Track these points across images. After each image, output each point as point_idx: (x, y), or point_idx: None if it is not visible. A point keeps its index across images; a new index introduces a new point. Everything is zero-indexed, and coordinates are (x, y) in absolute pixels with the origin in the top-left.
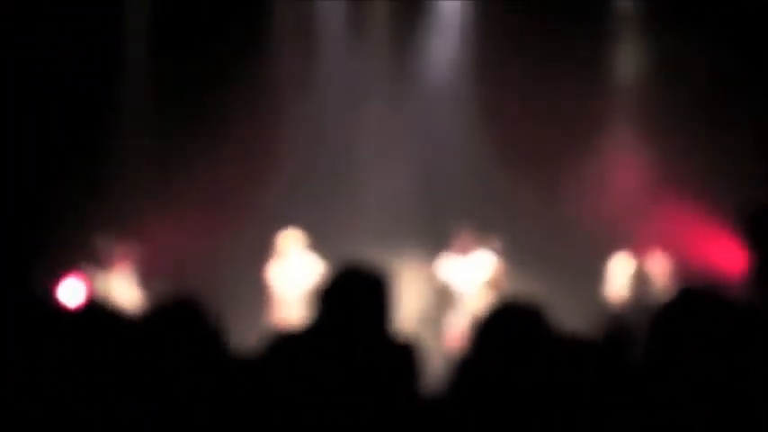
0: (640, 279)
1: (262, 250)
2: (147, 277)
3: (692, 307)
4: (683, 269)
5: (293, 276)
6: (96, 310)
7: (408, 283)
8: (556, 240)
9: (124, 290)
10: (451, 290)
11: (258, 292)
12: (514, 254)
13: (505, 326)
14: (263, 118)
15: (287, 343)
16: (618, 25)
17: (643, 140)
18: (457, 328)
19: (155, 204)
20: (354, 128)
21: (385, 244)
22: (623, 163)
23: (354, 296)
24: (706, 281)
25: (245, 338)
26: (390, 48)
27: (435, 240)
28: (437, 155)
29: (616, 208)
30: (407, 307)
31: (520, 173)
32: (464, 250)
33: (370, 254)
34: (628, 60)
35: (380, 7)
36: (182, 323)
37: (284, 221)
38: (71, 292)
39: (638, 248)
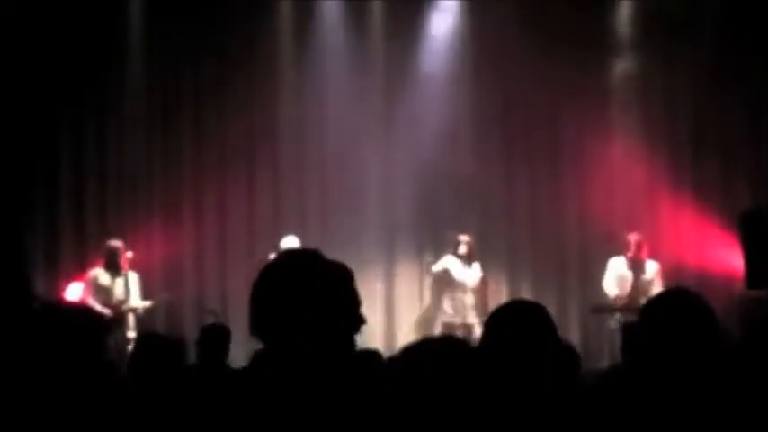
0: (639, 278)
1: (262, 256)
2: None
3: (672, 306)
4: (679, 269)
5: None
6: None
7: (407, 284)
8: (554, 242)
9: (131, 291)
10: (450, 288)
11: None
12: (512, 257)
13: (516, 322)
14: (262, 123)
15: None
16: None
17: (641, 143)
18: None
19: (157, 210)
20: (354, 131)
21: (385, 247)
22: (621, 166)
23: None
24: (701, 280)
25: (244, 343)
26: (389, 47)
27: (434, 244)
28: (436, 156)
29: (614, 210)
30: (407, 306)
31: (519, 174)
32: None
33: (369, 257)
34: (627, 64)
35: (379, 8)
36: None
37: (286, 229)
38: (72, 295)
39: (635, 249)
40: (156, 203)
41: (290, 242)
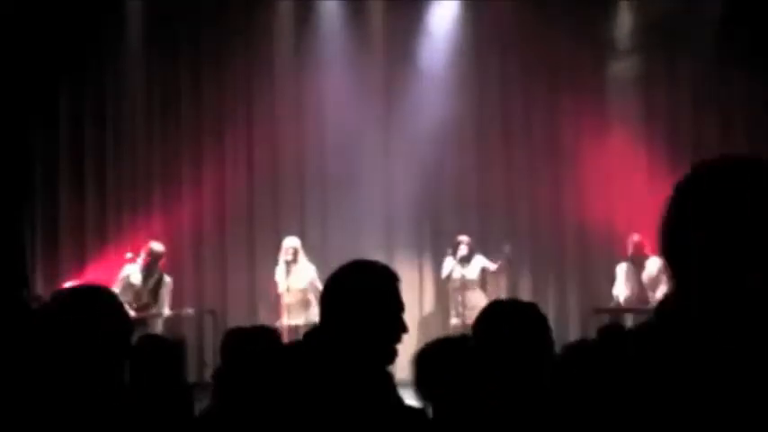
0: (641, 277)
1: (263, 256)
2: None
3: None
4: None
5: (293, 281)
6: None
7: (406, 283)
8: (554, 242)
9: (161, 296)
10: (453, 291)
11: (259, 296)
12: (514, 255)
13: (506, 321)
14: (261, 123)
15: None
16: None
17: (641, 143)
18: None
19: (156, 210)
20: (353, 130)
21: (385, 247)
22: (621, 165)
23: (362, 292)
24: None
25: None
26: (389, 45)
27: (434, 243)
28: (436, 155)
29: (614, 210)
30: (407, 306)
31: (519, 174)
32: (464, 252)
33: (369, 256)
34: (627, 63)
35: (379, 7)
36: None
37: (285, 228)
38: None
39: (636, 249)
40: (155, 203)
41: (291, 242)
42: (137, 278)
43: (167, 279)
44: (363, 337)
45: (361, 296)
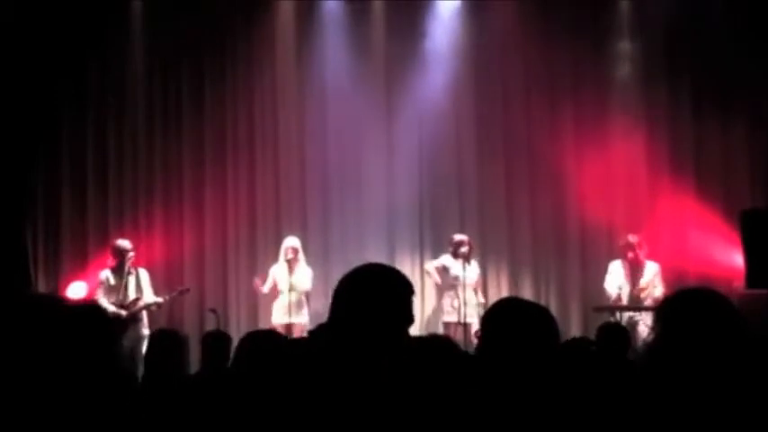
0: (638, 280)
1: (265, 255)
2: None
3: (690, 305)
4: (679, 268)
5: (294, 280)
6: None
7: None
8: (555, 241)
9: (143, 288)
10: (449, 288)
11: (260, 295)
12: (513, 256)
13: (519, 317)
14: (262, 123)
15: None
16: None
17: (641, 143)
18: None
19: (157, 210)
20: (354, 130)
21: (385, 247)
22: (621, 165)
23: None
24: (701, 280)
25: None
26: (390, 45)
27: (435, 243)
28: (436, 155)
29: (614, 210)
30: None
31: (519, 173)
32: (463, 254)
33: (369, 256)
34: (628, 64)
35: (380, 7)
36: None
37: (287, 227)
38: (74, 293)
39: (634, 251)
40: (156, 202)
41: (292, 242)
42: (114, 279)
43: (143, 271)
44: (365, 341)
45: (371, 303)
